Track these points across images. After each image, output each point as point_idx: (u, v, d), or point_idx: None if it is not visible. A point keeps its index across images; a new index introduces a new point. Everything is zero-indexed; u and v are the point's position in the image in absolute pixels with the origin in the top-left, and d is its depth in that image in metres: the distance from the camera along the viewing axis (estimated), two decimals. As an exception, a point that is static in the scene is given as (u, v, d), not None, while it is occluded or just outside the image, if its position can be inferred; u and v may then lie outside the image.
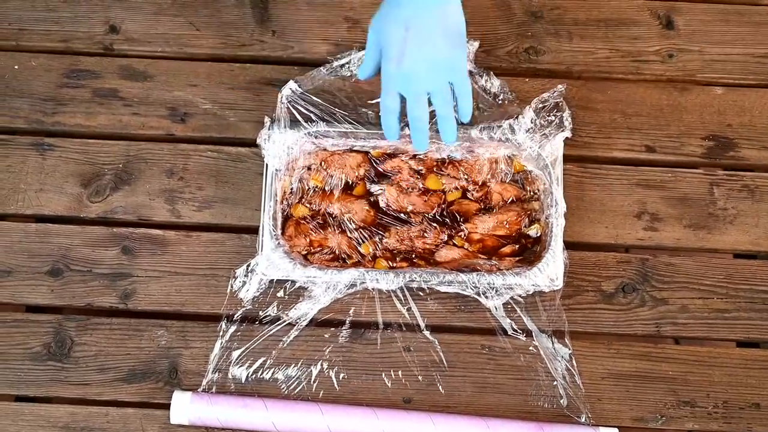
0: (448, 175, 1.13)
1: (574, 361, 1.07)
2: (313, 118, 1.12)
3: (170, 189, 1.13)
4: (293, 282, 1.08)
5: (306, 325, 1.08)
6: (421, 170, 1.13)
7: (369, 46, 0.98)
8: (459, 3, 0.95)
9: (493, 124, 1.11)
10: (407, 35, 0.93)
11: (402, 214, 1.12)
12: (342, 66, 1.16)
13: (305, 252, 1.10)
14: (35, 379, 1.06)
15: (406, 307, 1.09)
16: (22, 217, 1.13)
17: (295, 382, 1.06)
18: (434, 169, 1.13)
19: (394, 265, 1.09)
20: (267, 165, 1.10)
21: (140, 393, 1.06)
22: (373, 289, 1.07)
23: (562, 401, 1.06)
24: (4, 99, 1.17)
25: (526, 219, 1.11)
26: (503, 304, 1.08)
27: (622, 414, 1.06)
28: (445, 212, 1.12)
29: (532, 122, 1.11)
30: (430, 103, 0.98)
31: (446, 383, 1.07)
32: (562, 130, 1.11)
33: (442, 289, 1.06)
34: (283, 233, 1.09)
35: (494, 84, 1.15)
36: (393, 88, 0.96)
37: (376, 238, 1.10)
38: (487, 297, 1.06)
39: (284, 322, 1.08)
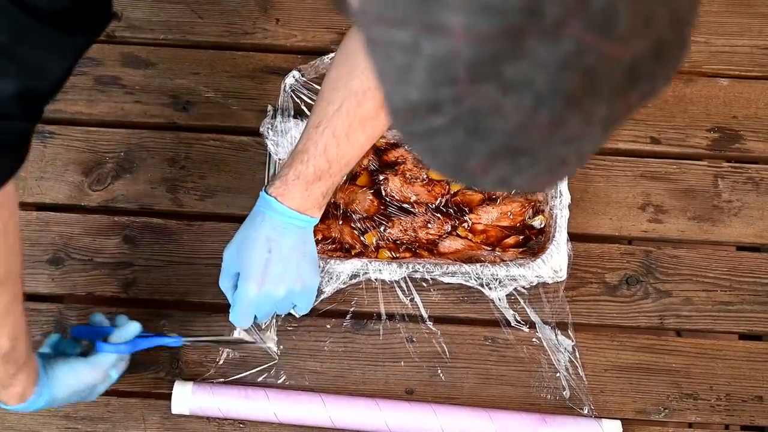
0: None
1: (577, 353, 1.07)
2: (317, 107, 1.11)
3: (172, 177, 1.13)
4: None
5: (308, 316, 1.07)
6: (425, 160, 1.12)
7: (225, 274, 0.97)
8: (312, 229, 0.97)
9: (498, 114, 1.10)
10: (270, 257, 0.93)
11: (405, 205, 1.11)
12: (345, 55, 1.15)
13: (308, 242, 1.09)
14: (36, 368, 1.06)
15: (408, 298, 1.08)
16: (23, 206, 1.12)
17: (297, 373, 1.06)
18: (438, 160, 1.12)
19: (397, 255, 1.09)
20: (269, 154, 1.09)
21: (141, 383, 1.05)
22: (376, 279, 1.07)
23: (564, 393, 1.05)
24: (5, 86, 1.16)
25: (530, 210, 1.11)
26: (506, 295, 1.07)
27: (625, 406, 1.06)
28: (448, 203, 1.11)
29: (536, 113, 1.10)
30: None
31: (449, 374, 1.06)
32: (567, 121, 1.10)
33: (446, 279, 1.06)
34: (285, 223, 1.08)
35: (499, 74, 1.15)
36: (249, 311, 0.95)
37: (380, 228, 1.10)
38: (490, 288, 1.06)
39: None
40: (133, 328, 0.96)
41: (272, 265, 0.94)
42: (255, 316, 0.97)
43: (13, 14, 0.58)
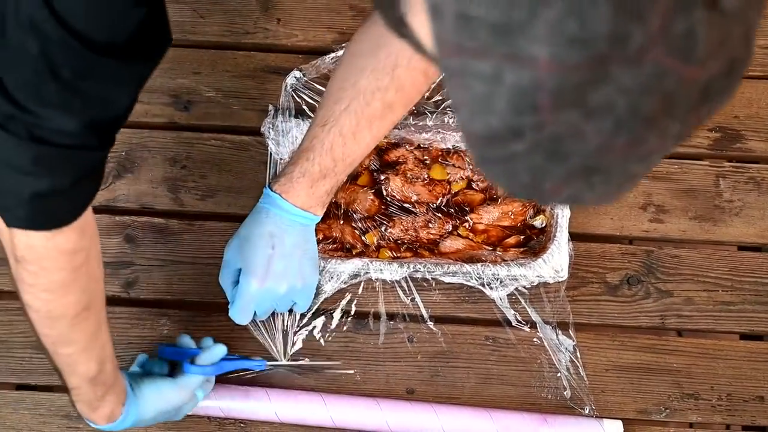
0: (453, 165, 1.12)
1: (578, 353, 1.07)
2: (317, 106, 1.11)
3: (173, 177, 1.13)
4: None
5: (309, 315, 1.07)
6: (426, 160, 1.12)
7: (226, 269, 0.98)
8: (314, 227, 0.98)
9: (499, 114, 1.10)
10: (273, 253, 0.94)
11: (407, 204, 1.11)
12: (347, 54, 1.15)
13: (309, 241, 1.09)
14: (37, 367, 1.06)
15: (409, 298, 1.08)
16: (24, 205, 1.13)
17: (298, 372, 1.06)
18: (439, 159, 1.12)
19: (398, 255, 1.09)
20: (271, 154, 1.09)
21: (142, 382, 1.05)
22: (376, 279, 1.07)
23: (565, 393, 1.05)
24: (6, 85, 1.16)
25: (531, 210, 1.11)
26: (507, 295, 1.07)
27: (626, 406, 1.06)
28: (449, 202, 1.11)
29: (538, 112, 1.10)
30: None
31: (450, 374, 1.06)
32: (568, 121, 1.10)
33: (446, 279, 1.06)
34: (286, 222, 1.08)
35: (500, 74, 1.14)
36: (250, 306, 0.97)
37: (381, 228, 1.10)
38: (491, 288, 1.06)
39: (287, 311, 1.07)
40: (219, 350, 0.96)
41: (275, 261, 0.94)
42: (255, 313, 0.98)
43: (75, 50, 0.58)
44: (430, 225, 1.10)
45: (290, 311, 1.04)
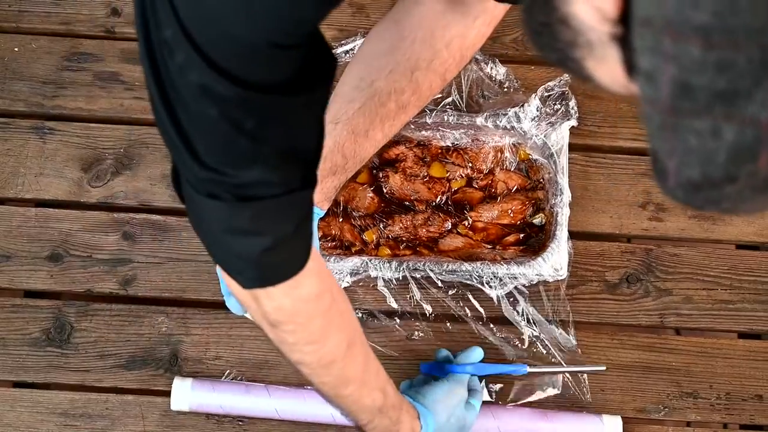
0: (452, 163, 1.12)
1: (577, 351, 1.06)
2: (317, 104, 1.11)
3: (172, 174, 1.12)
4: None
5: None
6: (426, 158, 1.12)
7: None
8: (317, 220, 0.98)
9: (499, 111, 1.10)
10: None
11: (406, 202, 1.11)
12: (346, 52, 1.14)
13: (308, 239, 1.09)
14: (34, 365, 1.05)
15: (408, 296, 1.08)
16: (22, 202, 1.12)
17: (298, 369, 1.05)
18: (439, 157, 1.12)
19: (398, 253, 1.08)
20: (270, 151, 1.09)
21: (140, 380, 1.05)
22: (375, 277, 1.06)
23: (565, 391, 1.05)
24: (4, 82, 1.16)
25: (531, 208, 1.11)
26: (506, 293, 1.07)
27: (625, 404, 1.05)
28: (449, 200, 1.11)
29: (537, 111, 1.10)
30: None
31: (449, 372, 1.06)
32: (568, 119, 1.10)
33: (446, 277, 1.06)
34: (285, 220, 1.08)
35: (500, 71, 1.14)
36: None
37: (380, 226, 1.09)
38: (490, 286, 1.05)
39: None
40: (477, 352, 1.00)
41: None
42: None
43: (252, 100, 0.58)
44: (430, 223, 1.10)
45: None
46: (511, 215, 1.10)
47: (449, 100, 1.13)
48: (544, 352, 1.06)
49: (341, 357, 0.78)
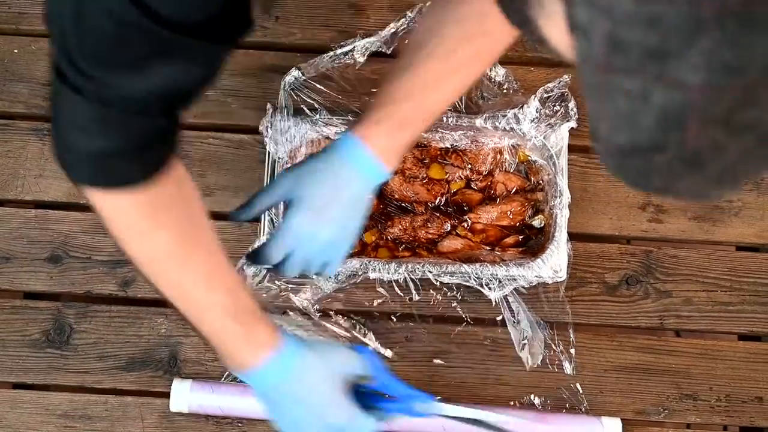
0: (451, 164, 1.12)
1: (577, 353, 1.06)
2: (316, 106, 1.11)
3: (171, 176, 1.12)
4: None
5: (308, 315, 1.07)
6: (425, 159, 1.12)
7: (270, 195, 0.92)
8: (378, 188, 0.91)
9: (498, 113, 1.10)
10: (336, 195, 0.89)
11: (405, 204, 1.11)
12: (346, 53, 1.14)
13: (307, 241, 1.09)
14: (34, 366, 1.05)
15: (408, 298, 1.08)
16: (22, 203, 1.12)
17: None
18: (438, 159, 1.12)
19: (397, 254, 1.08)
20: (269, 153, 1.09)
21: (139, 381, 1.05)
22: (375, 278, 1.06)
23: (564, 393, 1.05)
24: (4, 83, 1.16)
25: (530, 209, 1.10)
26: (506, 295, 1.07)
27: (625, 406, 1.05)
28: (448, 202, 1.11)
29: (537, 112, 1.10)
30: None
31: (448, 374, 1.06)
32: (568, 120, 1.10)
33: (445, 279, 1.06)
34: (285, 222, 1.08)
35: (499, 73, 1.14)
36: (288, 243, 0.90)
37: (379, 227, 1.09)
38: (489, 288, 1.05)
39: (286, 311, 1.07)
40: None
41: (334, 203, 0.89)
42: (285, 261, 0.92)
43: (150, 29, 0.60)
44: (429, 224, 1.10)
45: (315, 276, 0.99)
46: (511, 217, 1.10)
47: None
48: (540, 356, 1.06)
49: (166, 256, 0.78)
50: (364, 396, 0.88)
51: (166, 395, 1.02)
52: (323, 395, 0.84)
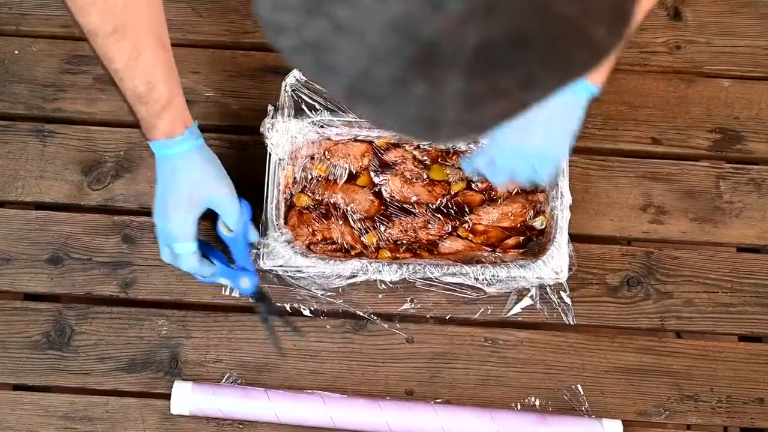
0: (452, 165, 1.12)
1: (577, 355, 1.06)
2: (317, 106, 1.11)
3: (172, 177, 1.12)
4: (296, 272, 1.07)
5: (308, 316, 1.07)
6: (426, 161, 1.12)
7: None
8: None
9: (499, 114, 1.10)
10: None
11: (406, 205, 1.11)
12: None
13: (308, 242, 1.09)
14: (34, 367, 1.05)
15: (408, 299, 1.08)
16: (22, 204, 1.12)
17: (297, 373, 1.05)
18: (439, 160, 1.12)
19: (398, 256, 1.08)
20: (270, 154, 1.08)
21: (140, 383, 1.05)
22: (376, 280, 1.06)
23: (565, 394, 1.05)
24: (4, 84, 1.16)
25: (531, 211, 1.10)
26: (506, 296, 1.07)
27: (626, 408, 1.05)
28: (449, 203, 1.11)
29: (538, 113, 1.10)
30: None
31: (449, 376, 1.06)
32: (568, 122, 1.09)
33: (446, 280, 1.05)
34: (285, 223, 1.08)
35: (500, 74, 1.14)
36: (494, 156, 0.97)
37: (380, 229, 1.09)
38: (490, 289, 1.05)
39: (286, 313, 1.07)
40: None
41: (539, 121, 0.93)
42: (491, 168, 0.98)
43: None
44: (430, 226, 1.10)
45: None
46: (512, 218, 1.10)
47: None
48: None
49: (103, 36, 0.86)
50: (206, 245, 1.02)
51: (167, 397, 1.02)
52: (177, 199, 0.95)
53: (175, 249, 0.97)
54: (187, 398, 1.01)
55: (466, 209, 1.11)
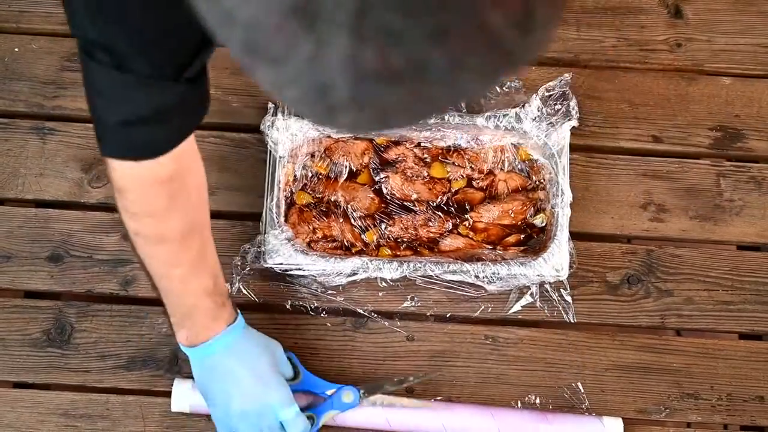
0: (453, 163, 1.12)
1: (577, 353, 1.06)
2: (318, 104, 1.10)
3: (172, 175, 1.12)
4: (297, 270, 1.07)
5: (309, 314, 1.07)
6: (426, 158, 1.12)
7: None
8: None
9: (499, 112, 1.10)
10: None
11: (406, 203, 1.11)
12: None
13: (308, 240, 1.09)
14: (34, 365, 1.05)
15: (409, 296, 1.08)
16: (22, 202, 1.12)
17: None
18: (439, 157, 1.12)
19: (398, 253, 1.08)
20: (270, 152, 1.08)
21: (141, 380, 1.05)
22: (376, 277, 1.06)
23: (565, 392, 1.05)
24: (4, 82, 1.16)
25: (532, 208, 1.10)
26: (507, 294, 1.07)
27: (626, 406, 1.05)
28: (449, 201, 1.11)
29: (538, 111, 1.10)
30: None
31: (449, 373, 1.06)
32: (569, 119, 1.10)
33: (446, 278, 1.06)
34: (286, 221, 1.08)
35: (501, 72, 1.14)
36: None
37: (381, 227, 1.09)
38: (491, 287, 1.05)
39: (287, 310, 1.07)
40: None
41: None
42: None
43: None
44: (430, 223, 1.10)
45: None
46: (512, 216, 1.10)
47: None
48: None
49: (178, 238, 0.83)
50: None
51: (168, 394, 1.02)
52: (263, 368, 0.92)
53: (281, 415, 0.92)
54: (187, 396, 1.01)
55: (467, 207, 1.11)
